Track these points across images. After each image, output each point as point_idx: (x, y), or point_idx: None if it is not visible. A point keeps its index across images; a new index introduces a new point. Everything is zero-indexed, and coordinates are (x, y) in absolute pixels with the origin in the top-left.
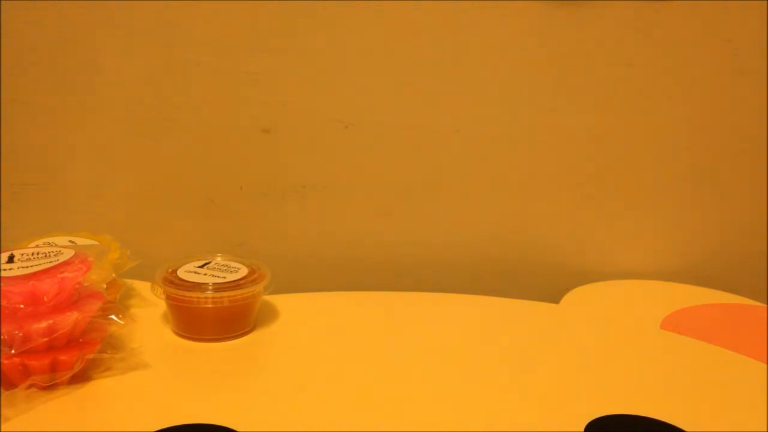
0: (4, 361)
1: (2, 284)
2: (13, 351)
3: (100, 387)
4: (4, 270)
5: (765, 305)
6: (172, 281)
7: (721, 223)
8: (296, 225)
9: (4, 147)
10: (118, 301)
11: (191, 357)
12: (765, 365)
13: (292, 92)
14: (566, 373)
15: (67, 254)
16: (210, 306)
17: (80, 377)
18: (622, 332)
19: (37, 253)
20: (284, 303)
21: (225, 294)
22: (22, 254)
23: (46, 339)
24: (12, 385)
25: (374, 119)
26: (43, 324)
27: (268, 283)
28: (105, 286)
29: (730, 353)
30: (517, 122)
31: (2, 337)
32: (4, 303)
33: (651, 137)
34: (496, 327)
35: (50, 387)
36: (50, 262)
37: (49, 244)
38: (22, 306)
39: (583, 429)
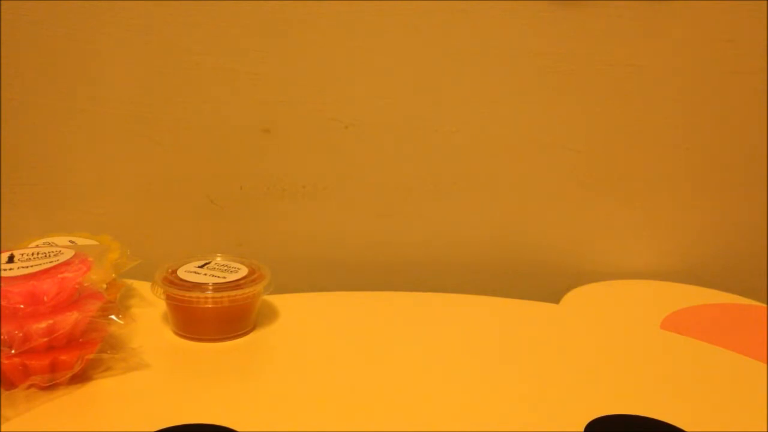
0: (4, 361)
1: (2, 284)
2: (13, 351)
3: (100, 387)
4: (4, 270)
5: (765, 305)
6: (172, 281)
7: (721, 223)
8: (296, 225)
9: (4, 147)
10: (118, 301)
11: (191, 357)
12: (765, 365)
13: (292, 92)
14: (566, 373)
15: (67, 254)
16: (210, 306)
17: (80, 377)
18: (622, 332)
19: (37, 253)
20: (284, 303)
21: (225, 294)
22: (22, 254)
23: (46, 339)
24: (12, 385)
25: (374, 119)
26: (43, 324)
27: (268, 283)
28: (105, 286)
29: (730, 353)
30: (517, 122)
31: (2, 337)
32: (4, 303)
33: (651, 137)
34: (496, 327)
35: (50, 387)
36: (50, 262)
37: (49, 244)
38: (22, 306)
39: (583, 429)
